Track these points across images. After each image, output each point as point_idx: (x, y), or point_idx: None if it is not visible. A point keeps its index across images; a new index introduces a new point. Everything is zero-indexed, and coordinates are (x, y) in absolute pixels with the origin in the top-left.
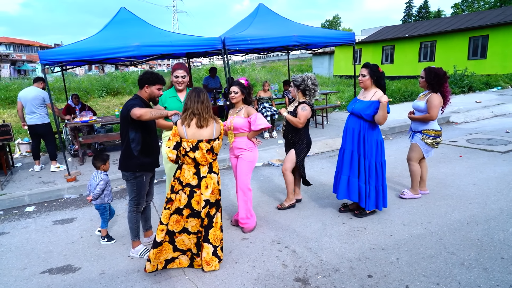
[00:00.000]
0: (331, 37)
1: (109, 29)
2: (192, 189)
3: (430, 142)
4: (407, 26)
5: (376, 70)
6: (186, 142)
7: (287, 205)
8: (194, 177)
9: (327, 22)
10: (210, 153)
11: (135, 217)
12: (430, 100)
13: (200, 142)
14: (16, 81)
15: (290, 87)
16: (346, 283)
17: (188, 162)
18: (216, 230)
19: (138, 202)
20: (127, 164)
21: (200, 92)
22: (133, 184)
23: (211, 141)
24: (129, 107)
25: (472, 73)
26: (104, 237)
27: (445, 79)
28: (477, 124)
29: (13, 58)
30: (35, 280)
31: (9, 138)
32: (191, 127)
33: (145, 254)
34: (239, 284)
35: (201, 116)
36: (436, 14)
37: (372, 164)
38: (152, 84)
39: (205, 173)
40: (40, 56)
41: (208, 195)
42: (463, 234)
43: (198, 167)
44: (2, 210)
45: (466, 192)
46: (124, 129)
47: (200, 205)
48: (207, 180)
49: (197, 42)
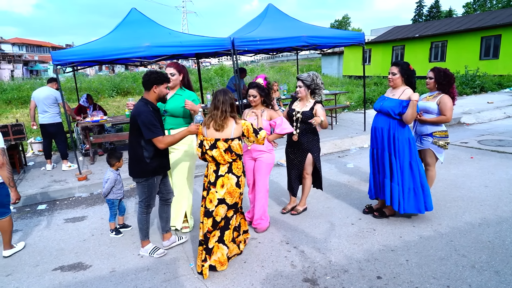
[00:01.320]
0: (341, 37)
1: (120, 30)
2: (209, 186)
3: (442, 144)
4: (418, 26)
5: (407, 68)
6: (205, 140)
7: (301, 210)
8: (213, 174)
9: (337, 22)
10: (228, 153)
11: (145, 218)
12: (443, 102)
13: (217, 141)
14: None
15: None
16: (355, 284)
17: (209, 160)
18: (231, 232)
19: (149, 203)
20: (139, 170)
21: (218, 95)
22: (144, 186)
23: (229, 140)
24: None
25: (484, 74)
26: (112, 230)
27: (453, 79)
28: (489, 125)
29: (25, 59)
30: (47, 277)
31: (22, 137)
32: (210, 128)
33: (154, 253)
34: (248, 283)
35: (215, 122)
36: (447, 13)
37: (406, 164)
38: (160, 83)
39: (223, 172)
40: (53, 57)
41: (223, 194)
42: (474, 236)
43: (219, 165)
44: (15, 208)
45: (477, 194)
46: (134, 135)
47: (212, 204)
48: (223, 179)
49: (206, 42)
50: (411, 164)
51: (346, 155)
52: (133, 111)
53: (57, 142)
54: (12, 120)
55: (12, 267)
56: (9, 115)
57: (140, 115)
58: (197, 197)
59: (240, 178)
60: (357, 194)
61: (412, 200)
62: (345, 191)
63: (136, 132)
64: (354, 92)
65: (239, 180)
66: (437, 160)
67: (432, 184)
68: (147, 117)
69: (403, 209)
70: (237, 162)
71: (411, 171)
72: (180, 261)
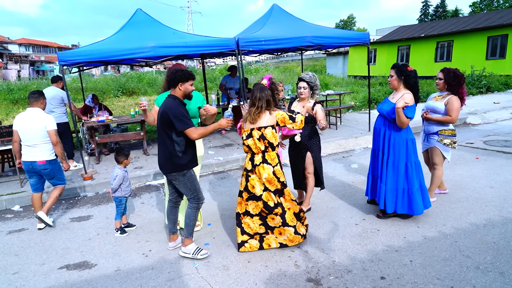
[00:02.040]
0: (345, 37)
1: (126, 30)
2: (248, 173)
3: (448, 142)
4: (423, 26)
5: (404, 70)
6: (244, 131)
7: (305, 210)
8: (249, 163)
9: (342, 22)
10: (261, 140)
11: (194, 213)
12: (450, 102)
13: (252, 130)
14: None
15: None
16: (358, 284)
17: (246, 150)
18: (290, 213)
19: (199, 197)
20: (172, 166)
21: (255, 92)
22: (185, 182)
23: (262, 128)
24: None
25: (491, 74)
26: (117, 229)
27: (463, 80)
28: (495, 126)
29: (32, 59)
30: (53, 275)
31: None
32: (247, 122)
33: (198, 253)
34: (252, 283)
35: (250, 116)
36: (454, 13)
37: (402, 165)
38: (185, 81)
39: (258, 162)
40: (59, 57)
41: (264, 181)
42: (479, 237)
43: (254, 155)
44: (22, 207)
45: (482, 194)
46: (164, 131)
47: (255, 189)
48: (259, 169)
49: (211, 43)
50: (407, 166)
51: (351, 155)
52: (162, 107)
53: (63, 142)
54: None
55: (18, 265)
56: (15, 115)
57: (170, 109)
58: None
59: (276, 168)
60: (361, 194)
61: (405, 201)
62: (349, 191)
63: (167, 127)
64: (359, 92)
65: (275, 170)
66: (445, 159)
67: (438, 183)
68: (178, 109)
69: (388, 208)
70: (270, 152)
71: (406, 173)
72: (184, 260)
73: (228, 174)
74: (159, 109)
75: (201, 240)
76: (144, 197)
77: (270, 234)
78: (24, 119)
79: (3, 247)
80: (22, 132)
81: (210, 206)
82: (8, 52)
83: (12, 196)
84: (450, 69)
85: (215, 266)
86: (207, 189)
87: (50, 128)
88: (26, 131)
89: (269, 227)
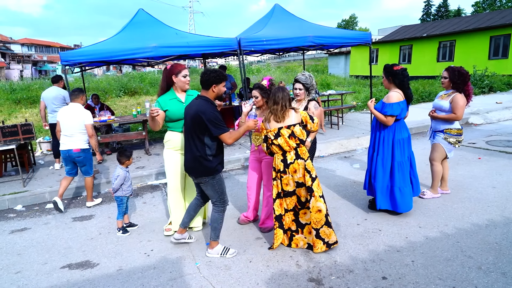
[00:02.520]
0: (347, 37)
1: (128, 30)
2: (280, 174)
3: (453, 141)
4: (426, 26)
5: (390, 70)
6: (269, 132)
7: None
8: (281, 164)
9: (344, 22)
10: (292, 138)
11: (221, 217)
12: (455, 100)
13: (280, 129)
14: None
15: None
16: (360, 284)
17: (276, 150)
18: (314, 213)
19: (224, 199)
20: (203, 169)
21: (277, 93)
22: (213, 185)
23: (291, 126)
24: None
25: (493, 73)
26: (119, 229)
27: (468, 77)
28: (497, 126)
29: (34, 59)
30: (56, 274)
31: (31, 136)
32: (271, 121)
33: (226, 253)
34: (253, 283)
35: (276, 115)
36: (456, 13)
37: (388, 164)
38: (219, 82)
39: (292, 159)
40: (62, 57)
41: (298, 178)
42: (481, 238)
43: (285, 154)
44: (24, 207)
45: (484, 195)
46: (196, 134)
47: (289, 186)
48: (294, 166)
49: (213, 42)
50: (393, 165)
51: (352, 155)
52: (195, 109)
53: None
54: (22, 119)
55: (21, 264)
56: (18, 115)
57: (205, 112)
58: None
59: (307, 162)
60: (363, 194)
61: (388, 198)
62: (351, 191)
63: (199, 130)
64: (360, 92)
65: (306, 164)
66: (446, 157)
67: (439, 179)
68: (214, 114)
69: (378, 204)
70: (301, 147)
71: (391, 171)
72: (186, 260)
73: (230, 174)
74: (187, 111)
75: (202, 240)
76: (146, 197)
77: (300, 234)
78: (66, 113)
79: (5, 246)
80: (63, 123)
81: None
82: (10, 52)
83: (15, 196)
84: (454, 68)
85: (216, 266)
86: None
87: (87, 122)
88: (66, 122)
89: (299, 225)
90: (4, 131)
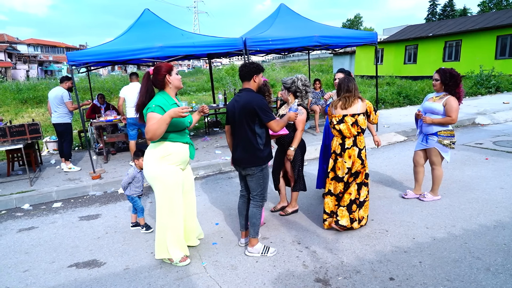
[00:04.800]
0: (353, 37)
1: (134, 30)
2: (336, 156)
3: (447, 143)
4: (431, 25)
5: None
6: (334, 117)
7: (290, 211)
8: (338, 147)
9: (349, 22)
10: (355, 126)
11: (259, 212)
12: (449, 103)
13: (345, 116)
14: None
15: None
16: (367, 285)
17: (336, 134)
18: (346, 194)
19: (264, 195)
20: (254, 159)
21: (348, 82)
22: (259, 178)
23: (355, 115)
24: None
25: (500, 73)
26: (142, 226)
27: (460, 79)
28: (504, 126)
29: (40, 59)
30: (63, 273)
31: (38, 136)
32: (338, 108)
33: (267, 252)
34: (260, 283)
35: (345, 102)
36: (462, 12)
37: None
38: (259, 73)
39: (349, 145)
40: (68, 57)
41: (349, 164)
42: (489, 239)
43: (344, 139)
44: (32, 206)
45: (492, 195)
46: (247, 123)
47: (341, 171)
48: (350, 151)
49: (218, 42)
50: None
51: None
52: (244, 100)
53: (62, 141)
54: (28, 119)
55: (29, 263)
56: (24, 115)
57: (254, 100)
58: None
59: (362, 151)
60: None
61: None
62: None
63: (250, 119)
64: (366, 92)
65: (361, 152)
66: (443, 159)
67: (440, 183)
68: (263, 102)
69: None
70: (361, 136)
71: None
72: (192, 259)
73: (235, 173)
74: (234, 104)
75: (209, 239)
76: (152, 196)
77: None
78: (129, 89)
79: (13, 245)
80: (128, 98)
81: (217, 205)
82: (17, 52)
83: (22, 195)
84: (446, 69)
85: (223, 266)
86: (214, 188)
87: None
88: (130, 97)
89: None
90: (11, 131)
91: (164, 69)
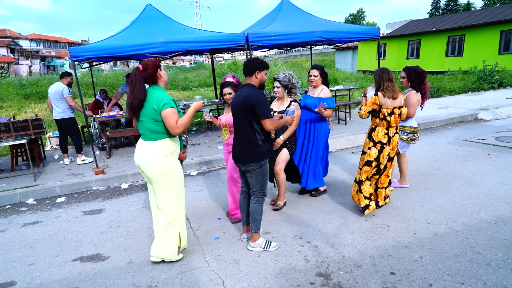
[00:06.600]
0: (355, 32)
1: (136, 25)
2: (382, 145)
3: (405, 138)
4: (435, 20)
5: (323, 71)
6: (385, 108)
7: (282, 204)
8: (385, 137)
9: (351, 16)
10: (398, 117)
11: (260, 207)
12: (408, 98)
13: (394, 108)
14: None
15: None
16: (368, 279)
17: (383, 124)
18: (383, 176)
19: (264, 191)
20: (253, 155)
21: (386, 72)
22: (259, 174)
23: (401, 107)
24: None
25: (503, 68)
26: None
27: (425, 76)
28: (507, 122)
29: (42, 54)
30: (67, 267)
31: (41, 131)
32: (389, 99)
33: (269, 246)
34: (262, 277)
35: (393, 91)
36: (465, 7)
37: (320, 151)
38: (262, 69)
39: (393, 133)
40: (71, 53)
41: (392, 154)
42: (490, 234)
43: (389, 128)
44: (36, 200)
45: (494, 191)
46: (246, 119)
47: (384, 159)
48: (394, 138)
49: (221, 38)
50: (324, 151)
51: (360, 151)
52: (244, 95)
53: (71, 137)
54: (31, 114)
55: (33, 257)
56: (27, 110)
57: (253, 95)
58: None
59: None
60: None
61: (318, 179)
62: None
63: (249, 114)
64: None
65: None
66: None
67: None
68: (261, 97)
69: (311, 185)
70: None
71: (317, 156)
72: (195, 254)
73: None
74: (236, 100)
75: (211, 234)
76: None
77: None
78: None
79: (18, 239)
80: None
81: (219, 200)
82: (19, 48)
83: (26, 190)
84: (411, 67)
85: (225, 260)
86: (216, 184)
87: None
88: None
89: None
90: (15, 126)
91: (155, 64)
